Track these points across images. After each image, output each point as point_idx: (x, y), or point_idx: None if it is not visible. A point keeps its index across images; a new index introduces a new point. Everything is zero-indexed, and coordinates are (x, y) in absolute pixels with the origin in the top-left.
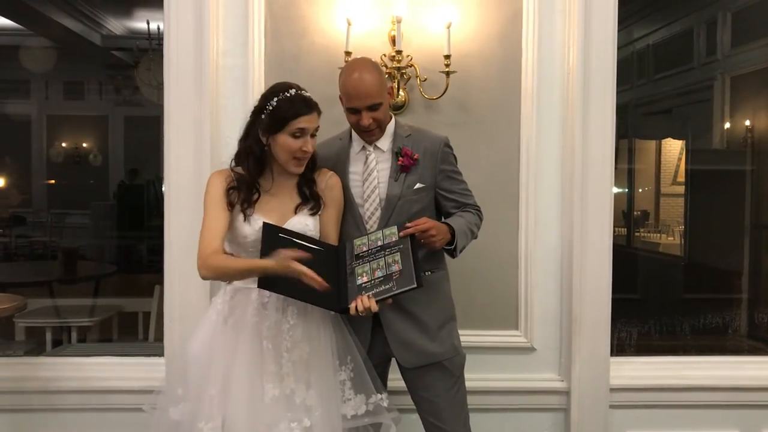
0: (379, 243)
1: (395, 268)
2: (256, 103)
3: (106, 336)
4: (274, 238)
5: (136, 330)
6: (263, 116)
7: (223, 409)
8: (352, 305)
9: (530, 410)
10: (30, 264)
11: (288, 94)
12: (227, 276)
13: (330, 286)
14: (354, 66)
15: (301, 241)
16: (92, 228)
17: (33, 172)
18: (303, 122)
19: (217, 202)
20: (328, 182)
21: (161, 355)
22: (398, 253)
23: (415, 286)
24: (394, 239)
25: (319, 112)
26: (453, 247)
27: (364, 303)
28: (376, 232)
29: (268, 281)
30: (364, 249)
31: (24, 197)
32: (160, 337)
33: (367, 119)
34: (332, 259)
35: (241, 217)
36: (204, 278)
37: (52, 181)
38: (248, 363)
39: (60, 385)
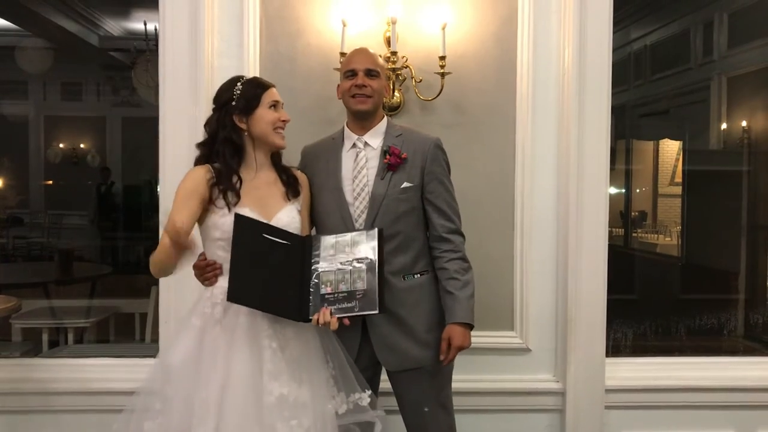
0: (347, 249)
1: (360, 286)
2: (211, 105)
3: (103, 337)
4: (245, 230)
5: (133, 331)
6: (234, 103)
7: (218, 411)
8: (315, 317)
9: (526, 411)
10: (27, 265)
11: (245, 79)
12: (160, 255)
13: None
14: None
15: (270, 236)
16: (89, 229)
17: (30, 173)
18: (273, 95)
19: (192, 191)
20: (301, 180)
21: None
22: (365, 269)
23: (377, 311)
24: (362, 248)
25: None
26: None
27: (325, 317)
28: (345, 234)
29: (238, 295)
30: (332, 252)
31: (21, 198)
32: (156, 338)
33: (363, 79)
34: (299, 254)
35: (223, 210)
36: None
37: (50, 182)
38: (248, 363)
39: (56, 387)
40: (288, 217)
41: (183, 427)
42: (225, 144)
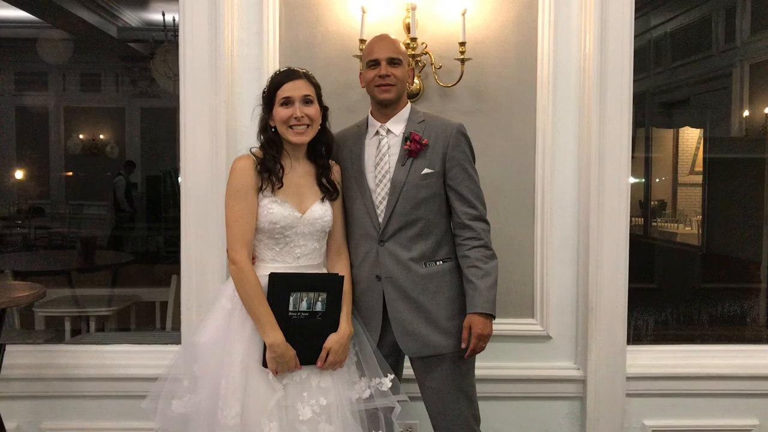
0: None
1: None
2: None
3: (125, 326)
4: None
5: (154, 320)
6: (263, 100)
7: (242, 393)
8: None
9: (546, 398)
10: (50, 253)
11: (276, 73)
12: (240, 293)
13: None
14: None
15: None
16: (110, 219)
17: (51, 164)
18: (286, 90)
19: (250, 188)
20: (335, 174)
21: (178, 343)
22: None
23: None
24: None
25: (308, 79)
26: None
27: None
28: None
29: None
30: None
31: (42, 189)
32: (177, 327)
33: (385, 69)
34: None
35: (269, 199)
36: (230, 269)
37: (70, 173)
38: None
39: (79, 373)
40: (321, 210)
41: (210, 405)
42: (264, 139)
